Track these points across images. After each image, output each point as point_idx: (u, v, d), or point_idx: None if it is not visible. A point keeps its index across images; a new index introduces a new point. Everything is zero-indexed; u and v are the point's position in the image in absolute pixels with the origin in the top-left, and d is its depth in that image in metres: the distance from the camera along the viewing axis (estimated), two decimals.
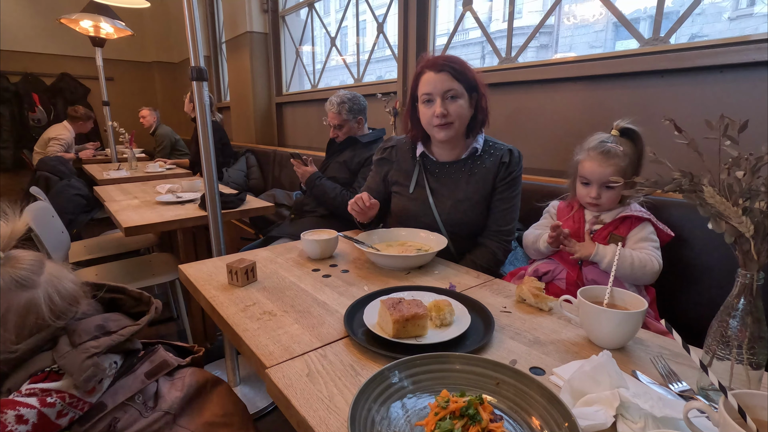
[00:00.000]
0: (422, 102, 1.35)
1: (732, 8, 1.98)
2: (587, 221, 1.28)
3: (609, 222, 1.23)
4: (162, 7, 6.18)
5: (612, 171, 1.18)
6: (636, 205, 1.23)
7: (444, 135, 1.34)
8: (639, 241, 1.18)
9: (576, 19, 2.19)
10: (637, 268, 1.14)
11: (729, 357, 0.62)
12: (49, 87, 5.67)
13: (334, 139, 2.26)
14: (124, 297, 0.87)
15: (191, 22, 1.48)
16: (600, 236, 1.23)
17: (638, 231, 1.19)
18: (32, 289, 0.73)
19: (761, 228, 0.57)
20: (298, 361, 0.76)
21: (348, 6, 3.23)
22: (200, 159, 1.61)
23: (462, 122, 1.35)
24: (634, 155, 1.20)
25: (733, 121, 0.58)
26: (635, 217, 1.19)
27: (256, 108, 4.20)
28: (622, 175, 1.18)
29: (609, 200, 1.23)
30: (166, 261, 2.28)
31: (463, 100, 1.33)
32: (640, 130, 1.21)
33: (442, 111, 1.30)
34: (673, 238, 1.21)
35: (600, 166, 1.19)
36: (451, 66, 1.30)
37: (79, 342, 0.72)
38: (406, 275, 1.18)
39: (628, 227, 1.20)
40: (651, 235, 1.18)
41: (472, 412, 0.54)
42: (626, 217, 1.21)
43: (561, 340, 0.84)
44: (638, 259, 1.14)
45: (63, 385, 0.69)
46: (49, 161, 3.49)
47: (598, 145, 1.21)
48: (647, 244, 1.17)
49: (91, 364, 0.70)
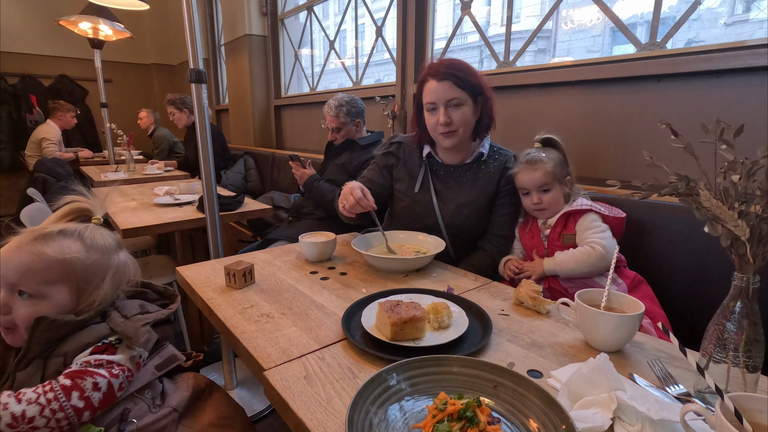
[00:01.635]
0: (427, 110, 1.36)
1: (728, 14, 1.99)
2: (540, 228, 1.35)
3: (555, 223, 1.30)
4: (161, 10, 6.18)
5: (540, 174, 1.30)
6: (582, 200, 1.30)
7: (449, 143, 1.35)
8: (584, 231, 1.25)
9: (574, 23, 2.21)
10: (582, 263, 1.20)
11: (726, 360, 0.62)
12: (47, 88, 5.66)
13: (333, 141, 2.27)
14: (148, 291, 0.93)
15: (190, 25, 1.48)
16: (554, 240, 1.30)
17: (582, 222, 1.26)
18: (123, 254, 0.86)
19: (757, 232, 0.57)
20: (296, 363, 0.76)
21: (347, 9, 3.24)
22: (198, 161, 1.61)
23: (467, 129, 1.36)
24: (558, 158, 1.33)
25: (729, 125, 0.59)
26: (575, 210, 1.27)
27: (255, 110, 4.20)
28: (551, 176, 1.30)
29: (550, 202, 1.32)
30: (163, 263, 2.28)
31: (467, 107, 1.33)
32: (557, 138, 1.36)
33: (446, 120, 1.31)
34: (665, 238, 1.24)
35: (529, 173, 1.32)
36: (454, 74, 1.30)
37: (130, 315, 0.81)
38: (405, 278, 1.18)
39: (574, 222, 1.28)
40: (593, 223, 1.24)
41: (469, 415, 0.54)
42: (569, 214, 1.28)
43: (559, 342, 0.84)
44: (578, 254, 1.21)
45: (122, 359, 0.76)
46: (46, 163, 3.48)
47: (523, 158, 1.35)
48: (589, 232, 1.23)
49: (146, 330, 0.80)
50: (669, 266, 1.27)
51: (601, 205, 1.28)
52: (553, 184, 1.30)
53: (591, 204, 1.27)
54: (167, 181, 3.13)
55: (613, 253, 1.14)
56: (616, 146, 1.62)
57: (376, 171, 1.55)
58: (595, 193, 1.45)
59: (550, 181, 1.30)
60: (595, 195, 1.41)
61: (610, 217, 1.25)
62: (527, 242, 1.37)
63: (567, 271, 1.22)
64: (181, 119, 3.70)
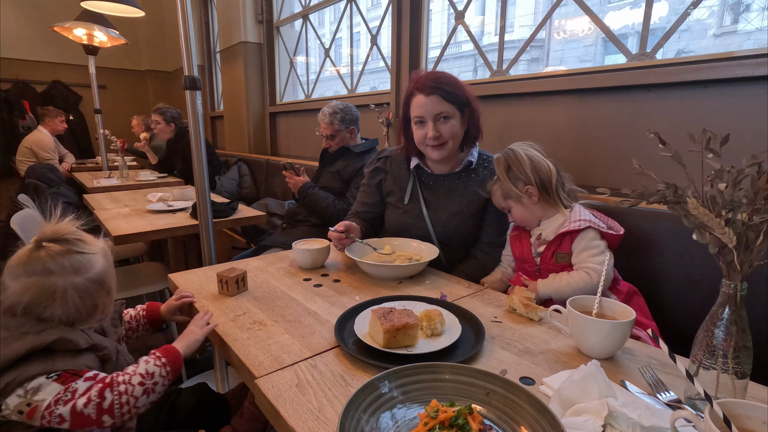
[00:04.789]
0: (414, 123, 1.36)
1: (717, 25, 2.03)
2: (532, 244, 1.27)
3: (551, 240, 1.22)
4: (156, 16, 6.19)
5: (498, 195, 1.31)
6: (580, 212, 1.20)
7: (438, 155, 1.35)
8: (580, 252, 1.17)
9: (566, 33, 2.24)
10: (578, 291, 1.11)
11: (715, 366, 0.63)
12: (41, 94, 5.63)
13: (327, 149, 2.27)
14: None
15: (185, 32, 1.48)
16: (547, 258, 1.22)
17: (579, 242, 1.18)
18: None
19: (743, 239, 0.58)
20: (288, 371, 0.75)
21: (342, 18, 3.27)
22: (189, 170, 1.61)
23: (455, 141, 1.36)
24: (504, 174, 1.27)
25: (715, 134, 0.60)
26: (575, 230, 1.17)
27: (250, 117, 4.20)
28: (506, 194, 1.27)
29: (519, 217, 1.29)
30: (155, 270, 2.26)
31: (455, 120, 1.33)
32: (504, 152, 1.30)
33: (435, 133, 1.31)
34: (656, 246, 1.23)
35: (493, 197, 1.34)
36: (441, 88, 1.30)
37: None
38: (398, 285, 1.18)
39: (570, 241, 1.19)
40: (591, 242, 1.16)
41: (461, 422, 0.54)
42: (566, 233, 1.19)
43: (551, 349, 0.84)
44: (574, 282, 1.14)
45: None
46: (38, 168, 3.46)
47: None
48: (586, 254, 1.16)
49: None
50: (659, 273, 1.28)
51: (600, 219, 1.21)
52: (506, 201, 1.29)
53: (590, 219, 1.17)
54: (161, 187, 3.11)
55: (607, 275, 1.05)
56: (606, 154, 1.63)
57: (366, 192, 1.58)
58: (585, 201, 1.45)
59: (503, 202, 1.30)
60: (588, 203, 1.42)
61: (609, 234, 1.17)
62: (517, 251, 1.32)
63: (563, 297, 1.09)
64: (165, 132, 3.69)
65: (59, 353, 0.75)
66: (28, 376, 0.70)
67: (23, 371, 0.70)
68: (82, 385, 0.73)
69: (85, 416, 0.71)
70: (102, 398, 0.73)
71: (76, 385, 0.73)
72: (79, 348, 0.77)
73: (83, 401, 0.71)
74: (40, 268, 0.76)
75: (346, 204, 2.05)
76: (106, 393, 0.74)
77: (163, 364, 0.82)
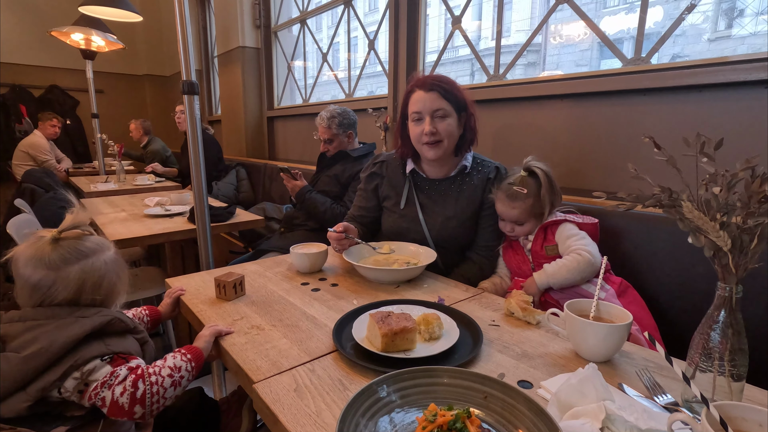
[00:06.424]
0: (412, 120, 1.37)
1: (711, 30, 2.05)
2: (522, 245, 1.36)
3: (534, 237, 1.31)
4: (154, 21, 6.20)
5: (517, 213, 1.30)
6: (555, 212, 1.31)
7: (433, 154, 1.36)
8: (565, 240, 1.26)
9: (562, 38, 2.26)
10: (573, 270, 1.19)
11: (711, 369, 0.63)
12: (38, 98, 5.62)
13: (325, 153, 2.28)
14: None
15: (183, 36, 1.49)
16: (537, 251, 1.30)
17: (561, 233, 1.27)
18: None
19: (738, 242, 0.58)
20: (286, 376, 0.75)
21: (339, 23, 3.28)
22: (190, 171, 1.61)
23: (451, 141, 1.37)
24: (538, 191, 1.29)
25: (709, 139, 0.61)
26: (551, 222, 1.29)
27: (248, 122, 4.20)
28: (526, 214, 1.30)
29: (522, 232, 1.34)
30: (153, 275, 2.25)
31: (452, 119, 1.35)
32: (543, 169, 1.30)
33: (431, 129, 1.32)
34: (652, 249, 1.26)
35: (507, 208, 1.32)
36: (441, 86, 1.33)
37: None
38: (396, 289, 1.18)
39: (552, 234, 1.29)
40: (572, 230, 1.26)
41: (459, 426, 0.54)
42: (545, 226, 1.30)
43: (549, 353, 0.84)
44: (568, 263, 1.21)
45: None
46: (35, 173, 3.44)
47: (506, 187, 1.32)
48: (572, 240, 1.24)
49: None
50: (656, 277, 1.29)
51: (573, 215, 1.30)
52: (528, 219, 1.31)
53: (564, 215, 1.29)
54: (158, 191, 3.11)
55: (597, 257, 1.17)
56: (602, 158, 1.64)
57: (363, 196, 1.59)
58: (583, 204, 1.46)
59: (525, 218, 1.31)
60: (583, 206, 1.43)
61: (586, 224, 1.28)
62: (512, 260, 1.37)
63: (560, 280, 1.20)
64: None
65: (108, 336, 0.80)
66: (86, 358, 0.74)
67: (82, 354, 0.74)
68: (123, 372, 0.77)
69: (119, 406, 0.74)
70: (135, 388, 0.76)
71: (120, 371, 0.77)
72: (129, 328, 0.83)
73: (120, 390, 0.75)
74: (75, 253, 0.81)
75: (344, 208, 2.06)
76: (139, 383, 0.77)
77: (189, 359, 0.86)
